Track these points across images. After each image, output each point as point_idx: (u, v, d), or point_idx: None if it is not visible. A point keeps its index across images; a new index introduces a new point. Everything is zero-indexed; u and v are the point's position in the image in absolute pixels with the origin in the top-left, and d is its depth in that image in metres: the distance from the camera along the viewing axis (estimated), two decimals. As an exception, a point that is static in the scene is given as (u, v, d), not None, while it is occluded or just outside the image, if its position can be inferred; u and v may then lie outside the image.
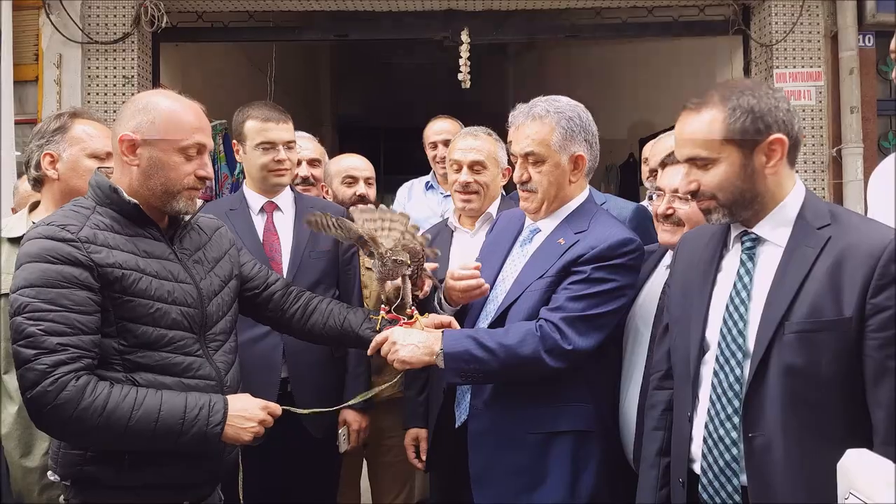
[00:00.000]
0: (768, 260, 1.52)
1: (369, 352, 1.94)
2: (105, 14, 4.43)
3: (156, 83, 4.70)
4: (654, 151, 2.78)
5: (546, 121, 1.94)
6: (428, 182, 3.53)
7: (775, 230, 1.53)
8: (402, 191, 3.64)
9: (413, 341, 1.85)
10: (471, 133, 2.54)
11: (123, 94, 4.39)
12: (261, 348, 2.29)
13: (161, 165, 1.66)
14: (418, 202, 3.49)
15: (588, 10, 4.78)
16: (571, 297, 1.86)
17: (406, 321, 1.96)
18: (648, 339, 1.93)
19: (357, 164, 2.98)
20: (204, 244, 1.82)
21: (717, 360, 1.53)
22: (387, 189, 6.32)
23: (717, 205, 1.54)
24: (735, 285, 1.54)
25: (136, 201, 1.66)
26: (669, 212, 1.97)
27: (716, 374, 1.52)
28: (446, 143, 3.33)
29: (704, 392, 1.56)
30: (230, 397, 1.67)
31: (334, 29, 5.06)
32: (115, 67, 4.46)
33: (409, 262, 1.93)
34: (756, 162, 1.50)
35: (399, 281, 1.96)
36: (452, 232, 2.58)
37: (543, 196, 1.98)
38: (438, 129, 3.42)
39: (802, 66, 4.45)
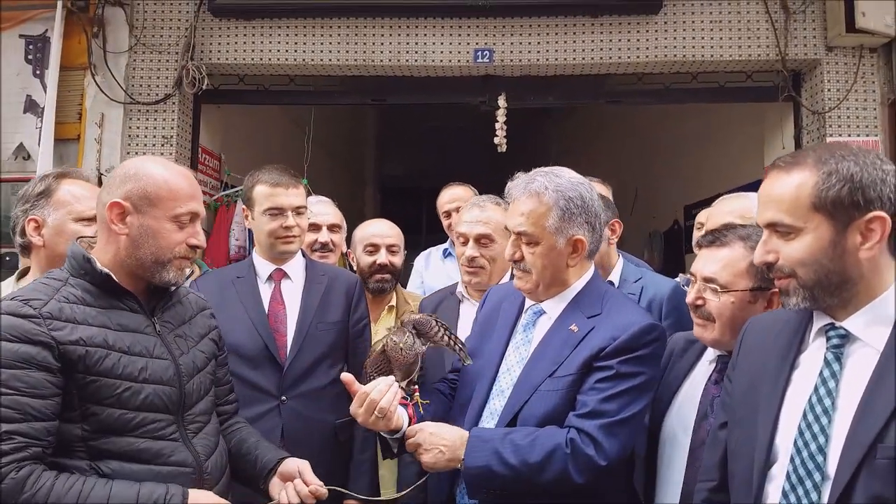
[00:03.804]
0: (860, 363, 1.28)
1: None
2: (148, 76, 4.53)
3: (195, 143, 4.76)
4: (709, 216, 2.55)
5: (543, 199, 1.75)
6: (446, 249, 3.42)
7: (870, 328, 1.29)
8: (420, 259, 3.53)
9: (439, 444, 1.70)
10: (477, 204, 2.40)
11: (162, 154, 4.43)
12: (258, 428, 2.12)
13: (152, 234, 1.60)
14: (436, 270, 3.37)
15: (629, 75, 4.68)
16: (602, 399, 1.65)
17: (409, 402, 1.83)
18: (688, 447, 1.70)
19: (380, 230, 2.86)
20: (189, 318, 1.75)
21: (788, 478, 1.29)
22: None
23: (797, 285, 1.32)
24: (817, 390, 1.30)
25: (108, 272, 1.58)
26: (699, 302, 1.74)
27: (785, 495, 1.28)
28: (459, 210, 3.23)
29: None
30: (192, 492, 1.53)
31: (373, 93, 5.06)
32: (155, 127, 4.53)
33: (413, 343, 1.81)
34: (849, 241, 1.28)
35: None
36: (460, 302, 2.44)
37: (539, 278, 1.79)
38: (449, 197, 3.35)
39: (858, 135, 4.23)
